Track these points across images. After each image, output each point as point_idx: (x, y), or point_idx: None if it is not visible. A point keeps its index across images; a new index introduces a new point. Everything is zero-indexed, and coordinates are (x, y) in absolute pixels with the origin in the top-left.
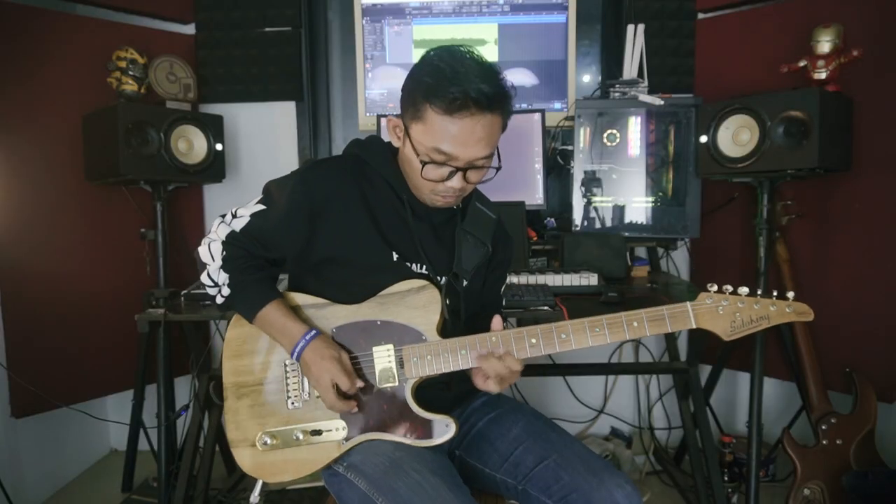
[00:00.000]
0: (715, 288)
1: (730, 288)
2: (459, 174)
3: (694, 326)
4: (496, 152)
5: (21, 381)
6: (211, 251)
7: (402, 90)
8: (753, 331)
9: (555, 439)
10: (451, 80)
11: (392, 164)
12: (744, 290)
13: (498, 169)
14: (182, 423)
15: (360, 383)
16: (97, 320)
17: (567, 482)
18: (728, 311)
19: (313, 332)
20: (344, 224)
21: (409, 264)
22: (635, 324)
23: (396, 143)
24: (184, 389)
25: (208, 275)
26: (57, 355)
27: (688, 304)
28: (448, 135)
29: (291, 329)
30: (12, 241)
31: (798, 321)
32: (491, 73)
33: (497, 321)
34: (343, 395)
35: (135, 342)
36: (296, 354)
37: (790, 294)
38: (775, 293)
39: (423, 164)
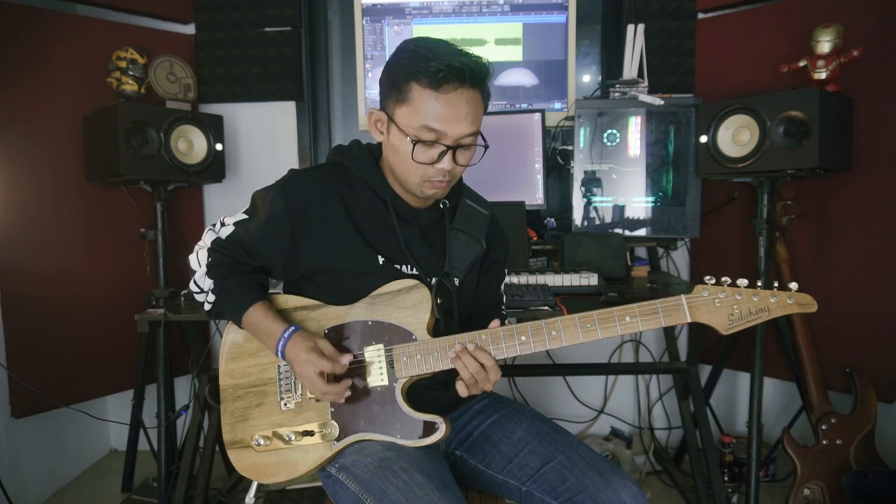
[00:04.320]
0: (713, 280)
1: (728, 280)
2: (449, 154)
3: (689, 320)
4: (481, 133)
5: (21, 381)
6: (198, 258)
7: (381, 82)
8: (753, 324)
9: (560, 441)
10: (430, 58)
11: (375, 167)
12: (743, 281)
13: (486, 148)
14: (182, 423)
15: (347, 358)
16: (97, 320)
17: (573, 483)
18: (725, 304)
19: (291, 328)
20: (326, 234)
21: (397, 266)
22: (628, 318)
23: (379, 137)
24: (184, 389)
25: (195, 281)
26: (57, 355)
27: (683, 297)
28: (434, 111)
29: (273, 329)
30: (13, 240)
31: (800, 314)
32: (466, 52)
33: (494, 323)
34: (335, 379)
35: (135, 342)
36: (279, 353)
37: (793, 285)
38: (776, 284)
39: (414, 143)
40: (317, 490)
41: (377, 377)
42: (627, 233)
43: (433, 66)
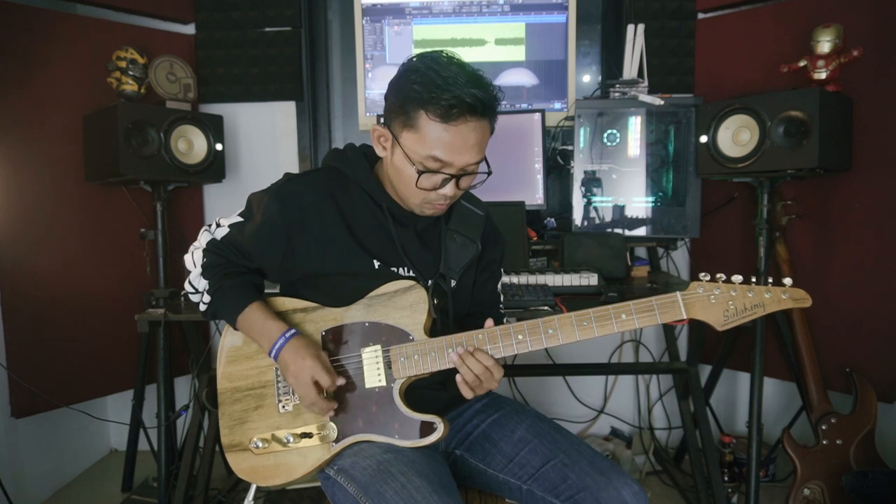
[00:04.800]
0: (707, 277)
1: (722, 276)
2: (452, 181)
3: (685, 317)
4: (486, 159)
5: (21, 381)
6: (193, 258)
7: (387, 99)
8: (749, 319)
9: (560, 440)
10: (442, 88)
11: (370, 172)
12: (737, 278)
13: (488, 174)
14: (182, 423)
15: (340, 381)
16: (97, 320)
17: (574, 481)
18: (721, 300)
19: (293, 330)
20: (321, 238)
21: (393, 269)
22: (624, 316)
23: (382, 153)
24: (184, 389)
25: (189, 282)
26: (57, 355)
27: (678, 293)
28: (442, 142)
29: (270, 329)
30: (12, 240)
31: (799, 313)
32: (478, 77)
33: (489, 323)
34: (324, 395)
35: (135, 342)
36: (274, 353)
37: (787, 280)
38: (771, 280)
39: (420, 173)
40: (317, 490)
41: (375, 378)
42: (627, 233)
43: (444, 101)
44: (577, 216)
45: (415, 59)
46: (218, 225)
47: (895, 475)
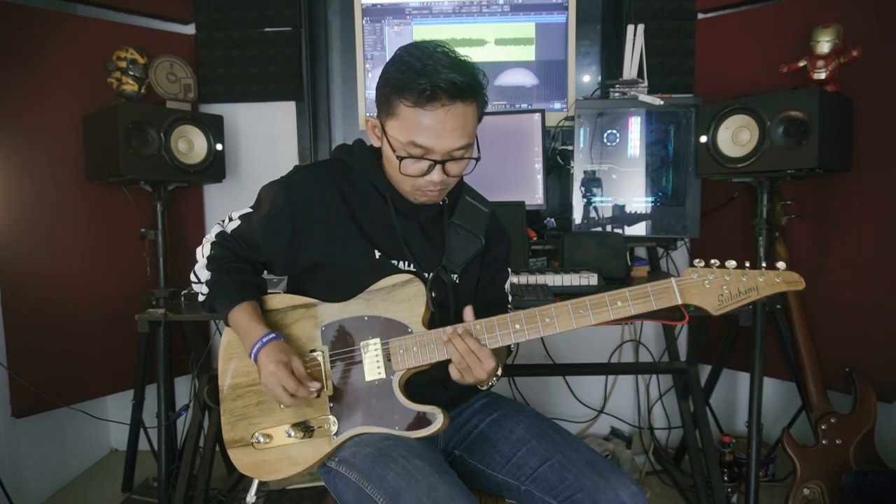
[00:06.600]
0: (702, 263)
1: (716, 262)
2: (438, 167)
3: (679, 302)
4: (476, 143)
5: (21, 381)
6: (203, 250)
7: (376, 89)
8: (743, 303)
9: (558, 440)
10: (420, 73)
11: (376, 164)
12: (731, 263)
13: (477, 160)
14: (182, 423)
15: (315, 385)
16: (97, 320)
17: (572, 482)
18: (715, 285)
19: (271, 335)
20: (326, 228)
21: (393, 262)
22: (619, 303)
23: (376, 143)
24: (184, 389)
25: (194, 272)
26: (57, 355)
27: (672, 279)
28: (421, 127)
29: (252, 331)
30: (13, 241)
31: (795, 307)
32: (461, 63)
33: (468, 311)
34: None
35: (135, 342)
36: (253, 356)
37: (780, 264)
38: (764, 264)
39: (401, 159)
40: (317, 490)
41: (375, 371)
42: (627, 233)
43: (420, 85)
44: (577, 216)
45: (402, 49)
46: (230, 219)
47: (895, 475)
